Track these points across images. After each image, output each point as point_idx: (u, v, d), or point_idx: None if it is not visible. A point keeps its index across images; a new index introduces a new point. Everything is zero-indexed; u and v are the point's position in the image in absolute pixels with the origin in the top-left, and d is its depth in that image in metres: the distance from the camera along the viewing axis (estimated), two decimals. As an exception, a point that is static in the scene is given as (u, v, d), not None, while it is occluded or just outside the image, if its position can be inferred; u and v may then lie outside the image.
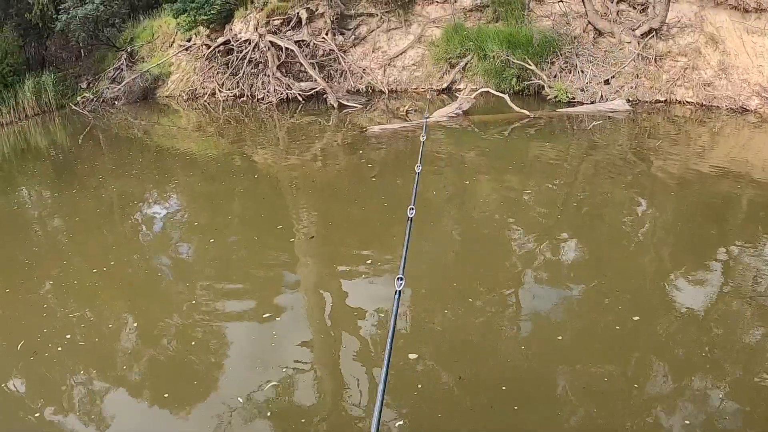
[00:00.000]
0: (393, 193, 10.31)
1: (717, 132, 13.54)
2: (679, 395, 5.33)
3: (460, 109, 14.23)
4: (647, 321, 6.29)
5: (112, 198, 11.37)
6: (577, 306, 6.86)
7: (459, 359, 6.01)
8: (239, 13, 18.50)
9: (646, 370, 5.69)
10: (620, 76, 15.99)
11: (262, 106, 17.58)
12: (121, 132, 17.45)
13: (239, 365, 6.07)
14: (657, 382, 5.51)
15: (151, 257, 8.82)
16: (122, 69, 20.92)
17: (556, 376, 5.65)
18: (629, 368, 5.69)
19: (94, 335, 6.82)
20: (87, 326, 6.96)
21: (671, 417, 5.08)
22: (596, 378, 5.56)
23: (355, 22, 18.47)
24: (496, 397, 5.40)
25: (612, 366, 5.70)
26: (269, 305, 7.09)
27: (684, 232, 8.52)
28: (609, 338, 6.14)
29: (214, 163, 13.54)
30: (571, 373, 5.68)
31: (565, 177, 11.10)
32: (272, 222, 9.56)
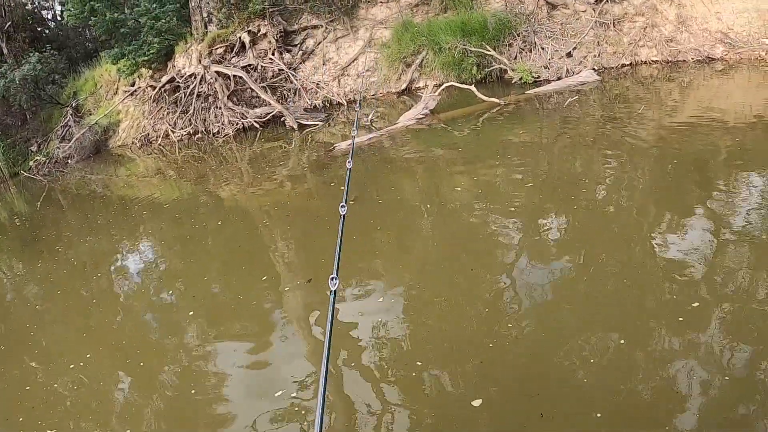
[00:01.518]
0: (375, 215, 9.17)
1: (686, 86, 13.05)
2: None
3: (427, 109, 12.96)
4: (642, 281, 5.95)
5: (83, 258, 10.50)
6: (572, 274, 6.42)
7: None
8: (179, 48, 17.16)
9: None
10: (581, 46, 15.14)
11: (219, 140, 16.12)
12: (79, 190, 16.23)
13: (243, 403, 5.61)
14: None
15: (133, 312, 8.13)
16: (70, 125, 19.53)
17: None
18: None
19: (90, 399, 6.24)
20: (81, 391, 6.38)
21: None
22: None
23: (300, 37, 17.16)
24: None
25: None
26: (261, 340, 6.56)
27: (666, 189, 8.01)
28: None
29: (180, 206, 12.49)
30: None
31: (543, 157, 10.29)
32: (250, 257, 8.87)
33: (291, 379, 5.63)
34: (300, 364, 5.88)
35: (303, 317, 6.87)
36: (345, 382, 5.47)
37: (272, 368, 6.05)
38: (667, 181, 8.22)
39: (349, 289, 6.99)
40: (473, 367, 5.23)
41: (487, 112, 13.11)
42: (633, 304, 5.62)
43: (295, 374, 5.70)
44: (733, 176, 7.94)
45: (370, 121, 13.85)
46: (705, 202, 7.37)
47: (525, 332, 5.55)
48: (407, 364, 5.46)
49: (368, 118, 13.89)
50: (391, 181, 10.66)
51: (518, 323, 5.68)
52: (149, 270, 9.57)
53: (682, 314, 5.23)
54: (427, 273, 7.17)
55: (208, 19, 17.16)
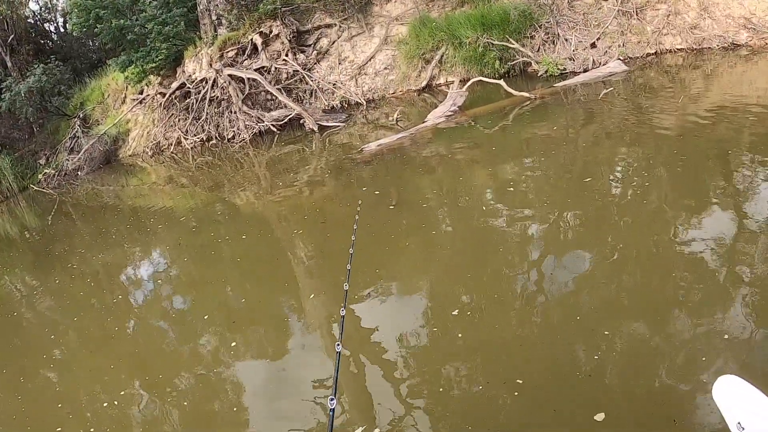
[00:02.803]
0: (419, 219, 8.40)
1: (710, 73, 12.22)
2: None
3: (455, 106, 11.98)
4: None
5: (97, 271, 9.96)
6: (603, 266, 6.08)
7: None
8: (189, 53, 16.15)
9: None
10: (605, 36, 14.25)
11: (234, 145, 15.07)
12: (90, 202, 15.44)
13: (263, 411, 5.43)
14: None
15: (150, 322, 7.83)
16: (78, 137, 18.59)
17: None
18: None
19: (109, 410, 5.91)
20: (99, 402, 6.08)
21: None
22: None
23: (314, 37, 16.15)
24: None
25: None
26: (281, 347, 6.31)
27: (690, 178, 7.53)
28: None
29: (196, 216, 11.79)
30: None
31: (580, 153, 9.52)
32: (270, 265, 8.35)
33: (311, 385, 5.37)
34: (320, 372, 5.56)
35: (325, 325, 6.46)
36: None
37: (292, 375, 5.73)
38: (690, 171, 7.72)
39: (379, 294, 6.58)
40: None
41: (517, 107, 12.17)
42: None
43: (315, 381, 5.44)
44: (757, 164, 7.49)
45: (396, 120, 12.78)
46: (728, 190, 6.98)
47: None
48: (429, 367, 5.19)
49: (393, 118, 12.81)
50: (429, 184, 9.78)
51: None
52: (165, 281, 9.06)
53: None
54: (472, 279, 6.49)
55: (218, 22, 16.14)
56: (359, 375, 5.46)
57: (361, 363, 5.61)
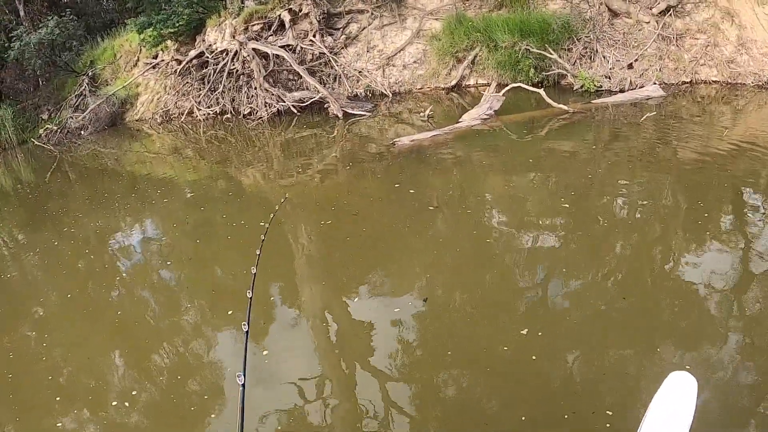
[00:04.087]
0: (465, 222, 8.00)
1: (740, 110, 11.80)
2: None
3: (492, 110, 11.17)
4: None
5: (88, 233, 9.58)
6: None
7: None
8: (212, 22, 15.17)
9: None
10: (643, 58, 13.57)
11: (251, 122, 14.03)
12: (90, 164, 14.58)
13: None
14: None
15: (136, 288, 7.60)
16: (85, 95, 17.46)
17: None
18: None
19: (87, 376, 5.84)
20: (77, 366, 6.04)
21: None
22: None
23: (344, 21, 15.25)
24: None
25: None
26: (270, 333, 6.07)
27: (701, 211, 7.38)
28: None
29: (196, 188, 11.35)
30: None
31: (613, 176, 9.05)
32: (267, 247, 7.27)
33: (294, 371, 5.32)
34: (304, 359, 5.56)
35: (319, 315, 6.31)
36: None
37: (274, 359, 5.56)
38: (699, 204, 7.64)
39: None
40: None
41: (553, 119, 11.35)
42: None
43: (300, 366, 5.39)
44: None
45: (427, 117, 11.87)
46: (733, 228, 7.03)
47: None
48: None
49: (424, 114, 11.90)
50: (471, 187, 9.10)
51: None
52: (153, 251, 8.79)
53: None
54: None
55: (247, -7, 15.06)
56: (350, 373, 5.33)
57: (351, 361, 5.49)
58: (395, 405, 4.82)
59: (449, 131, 10.68)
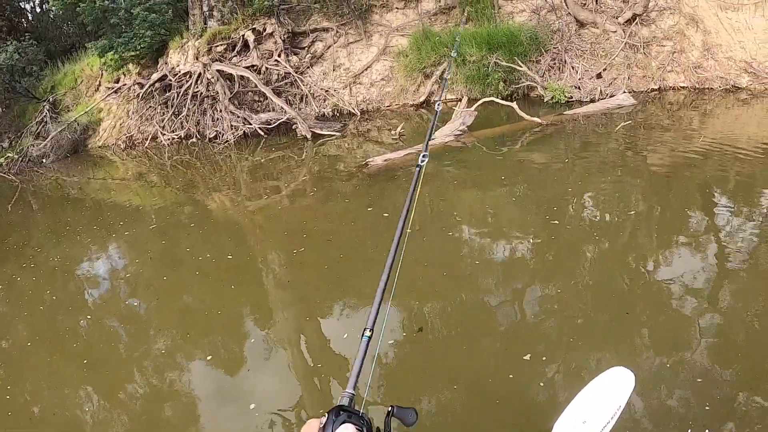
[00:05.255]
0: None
1: (708, 114, 11.68)
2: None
3: (464, 125, 10.69)
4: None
5: (52, 264, 9.10)
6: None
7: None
8: (174, 44, 14.56)
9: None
10: (612, 67, 13.28)
11: (218, 146, 13.40)
12: (53, 193, 13.90)
13: (213, 415, 5.02)
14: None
15: (101, 321, 7.18)
16: (46, 122, 16.75)
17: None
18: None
19: (53, 408, 5.56)
20: (44, 400, 5.70)
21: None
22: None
23: (309, 39, 14.69)
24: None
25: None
26: (243, 358, 5.80)
27: (673, 216, 7.46)
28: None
29: (162, 215, 10.78)
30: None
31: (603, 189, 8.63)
32: (237, 272, 7.62)
33: (265, 394, 5.11)
34: (284, 385, 5.31)
35: (293, 339, 6.06)
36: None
37: (252, 386, 5.32)
38: (669, 206, 7.74)
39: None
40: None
41: (526, 132, 10.92)
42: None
43: (270, 389, 5.20)
44: (739, 203, 7.55)
45: (398, 135, 11.35)
46: (707, 228, 6.94)
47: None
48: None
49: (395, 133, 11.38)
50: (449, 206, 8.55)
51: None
52: (120, 280, 8.37)
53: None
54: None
55: (209, 14, 14.59)
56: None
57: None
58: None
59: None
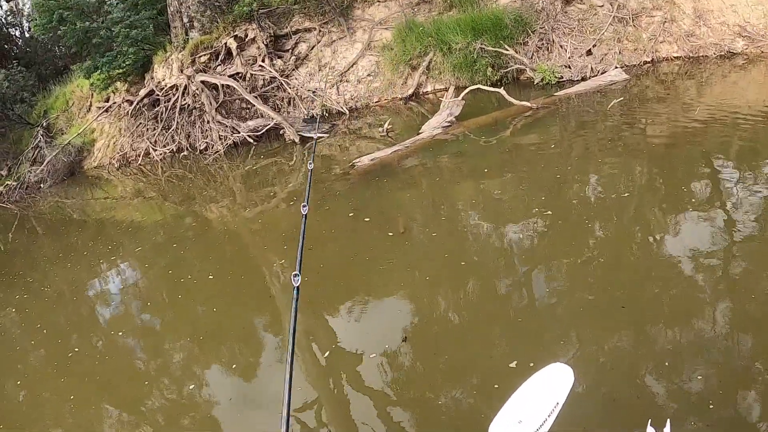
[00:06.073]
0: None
1: (704, 82, 11.33)
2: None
3: (452, 116, 10.35)
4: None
5: (61, 289, 8.92)
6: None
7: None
8: (158, 58, 14.29)
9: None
10: (601, 43, 12.92)
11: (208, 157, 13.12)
12: (54, 217, 13.67)
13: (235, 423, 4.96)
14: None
15: (116, 342, 6.95)
16: (41, 147, 16.47)
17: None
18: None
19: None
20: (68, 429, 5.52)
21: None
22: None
23: (292, 41, 14.37)
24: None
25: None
26: (256, 364, 5.87)
27: (676, 190, 7.14)
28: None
29: (164, 230, 10.60)
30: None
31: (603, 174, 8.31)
32: (243, 282, 7.55)
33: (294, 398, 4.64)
34: (298, 389, 5.07)
35: (303, 342, 5.92)
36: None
37: (267, 391, 5.32)
38: (672, 179, 7.46)
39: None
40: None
41: (518, 117, 10.61)
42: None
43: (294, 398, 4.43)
44: (741, 171, 7.28)
45: (386, 131, 11.00)
46: (708, 200, 6.71)
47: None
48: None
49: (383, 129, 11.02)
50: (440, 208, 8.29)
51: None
52: (131, 298, 8.21)
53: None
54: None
55: (189, 25, 14.26)
56: (339, 393, 5.09)
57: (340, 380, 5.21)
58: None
59: (411, 144, 9.81)
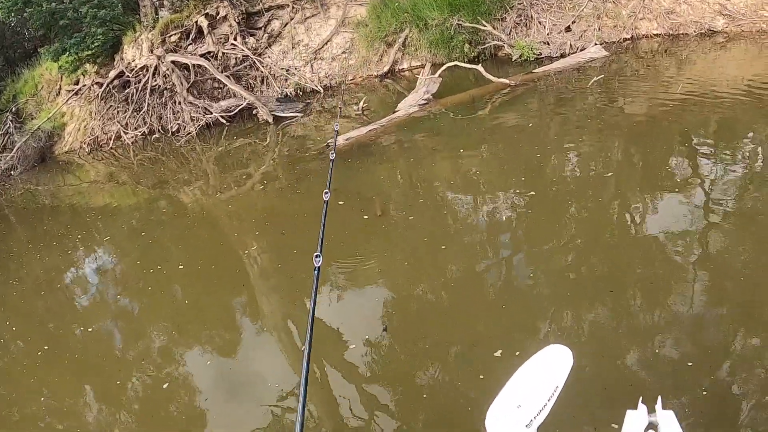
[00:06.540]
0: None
1: (684, 60, 11.28)
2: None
3: (429, 94, 10.05)
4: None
5: (37, 274, 8.93)
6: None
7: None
8: (128, 39, 13.87)
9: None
10: (580, 19, 12.63)
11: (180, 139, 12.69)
12: (26, 204, 13.28)
13: (219, 411, 4.95)
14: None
15: (94, 326, 6.95)
16: (11, 133, 15.77)
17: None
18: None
19: (59, 419, 5.45)
20: (48, 412, 5.49)
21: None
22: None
23: (265, 19, 14.00)
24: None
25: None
26: (236, 350, 5.79)
27: (656, 167, 7.25)
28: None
29: (139, 214, 10.49)
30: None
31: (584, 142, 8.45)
32: (220, 265, 7.49)
33: (269, 386, 5.05)
34: (277, 372, 5.25)
35: (281, 326, 6.07)
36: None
37: (249, 377, 5.34)
38: (651, 157, 7.55)
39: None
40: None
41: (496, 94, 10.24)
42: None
43: (274, 381, 5.09)
44: (720, 148, 7.47)
45: (362, 110, 10.68)
46: (689, 176, 6.80)
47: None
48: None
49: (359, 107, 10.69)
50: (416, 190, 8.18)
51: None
52: (108, 282, 8.26)
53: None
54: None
55: (159, 4, 13.91)
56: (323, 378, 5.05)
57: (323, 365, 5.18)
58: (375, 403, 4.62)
59: (387, 123, 9.52)
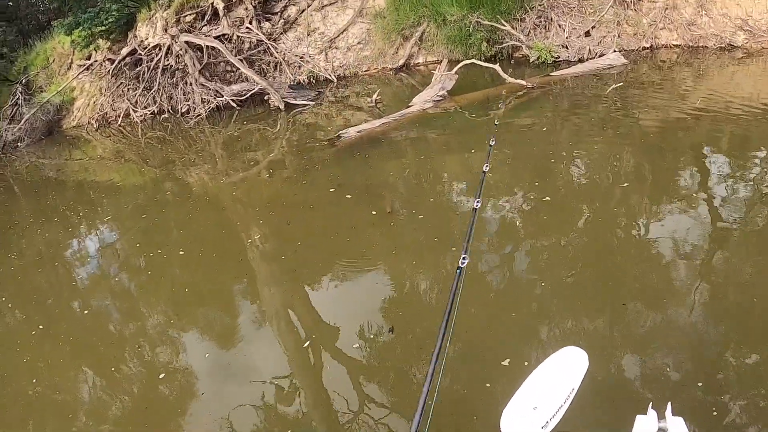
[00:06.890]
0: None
1: (701, 73, 11.04)
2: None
3: (444, 90, 9.88)
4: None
5: (38, 248, 8.77)
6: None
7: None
8: (142, 16, 13.68)
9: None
10: (600, 25, 12.45)
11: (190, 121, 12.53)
12: (31, 177, 13.15)
13: (212, 391, 4.91)
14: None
15: (93, 303, 6.93)
16: (20, 104, 15.65)
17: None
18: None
19: (53, 395, 5.31)
20: (42, 388, 5.38)
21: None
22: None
23: (282, 4, 13.93)
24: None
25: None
26: (234, 336, 5.64)
27: (666, 179, 7.11)
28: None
29: (144, 193, 10.29)
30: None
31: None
32: (222, 249, 7.39)
33: (263, 370, 5.03)
34: (273, 356, 5.26)
35: (282, 314, 5.97)
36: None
37: (245, 364, 5.25)
38: (662, 169, 7.40)
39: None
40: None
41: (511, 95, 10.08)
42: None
43: (268, 366, 5.10)
44: (731, 164, 7.29)
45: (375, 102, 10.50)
46: (699, 190, 6.71)
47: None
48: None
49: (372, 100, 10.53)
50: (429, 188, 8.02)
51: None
52: (110, 259, 8.08)
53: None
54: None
55: (176, -17, 13.48)
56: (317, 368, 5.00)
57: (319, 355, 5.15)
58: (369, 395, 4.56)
59: (399, 117, 9.34)
